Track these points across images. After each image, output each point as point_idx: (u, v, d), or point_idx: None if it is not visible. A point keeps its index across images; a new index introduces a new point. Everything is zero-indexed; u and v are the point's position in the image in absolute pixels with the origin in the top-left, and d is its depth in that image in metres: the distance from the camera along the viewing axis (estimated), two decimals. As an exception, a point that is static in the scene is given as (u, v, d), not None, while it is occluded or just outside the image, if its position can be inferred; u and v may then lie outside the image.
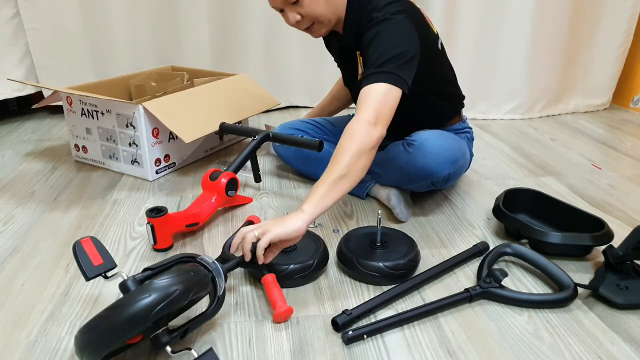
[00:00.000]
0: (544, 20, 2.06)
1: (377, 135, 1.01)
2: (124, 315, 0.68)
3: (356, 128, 1.01)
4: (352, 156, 0.97)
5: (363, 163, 0.99)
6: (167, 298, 0.70)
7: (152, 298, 0.69)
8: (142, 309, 0.69)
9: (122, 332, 0.69)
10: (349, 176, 0.97)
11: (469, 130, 1.39)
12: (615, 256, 0.99)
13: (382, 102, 1.03)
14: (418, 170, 1.17)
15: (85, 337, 0.70)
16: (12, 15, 1.94)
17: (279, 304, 0.89)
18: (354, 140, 0.99)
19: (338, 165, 0.97)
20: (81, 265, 0.81)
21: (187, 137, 1.42)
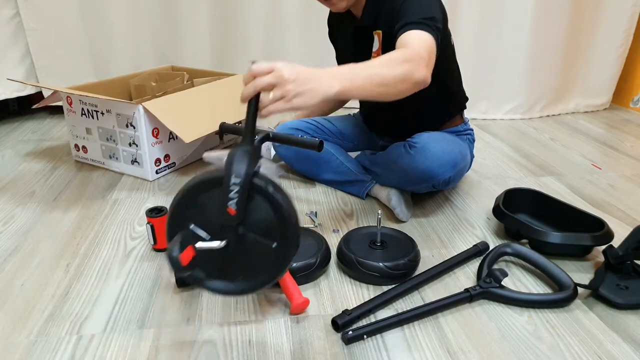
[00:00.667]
0: (544, 20, 2.06)
1: (424, 78, 0.95)
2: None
3: (411, 54, 0.94)
4: (402, 72, 0.91)
5: (403, 83, 0.93)
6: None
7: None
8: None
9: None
10: (388, 83, 0.91)
11: (471, 132, 1.39)
12: (615, 256, 0.99)
13: (431, 51, 0.98)
14: (419, 172, 1.17)
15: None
16: (12, 15, 1.94)
17: (296, 296, 0.89)
18: (409, 59, 0.93)
19: (387, 64, 0.91)
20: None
21: (187, 137, 1.42)
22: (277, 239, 0.78)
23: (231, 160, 0.80)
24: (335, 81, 0.84)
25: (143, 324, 0.89)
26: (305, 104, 0.81)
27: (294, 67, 0.80)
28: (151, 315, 0.91)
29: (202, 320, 0.90)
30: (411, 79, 0.94)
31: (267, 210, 0.79)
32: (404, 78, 0.93)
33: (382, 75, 0.91)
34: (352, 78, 0.87)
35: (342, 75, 0.86)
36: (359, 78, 0.88)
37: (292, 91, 0.79)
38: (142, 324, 0.89)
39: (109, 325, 0.89)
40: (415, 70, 0.94)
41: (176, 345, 0.84)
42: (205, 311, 0.92)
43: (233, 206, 0.78)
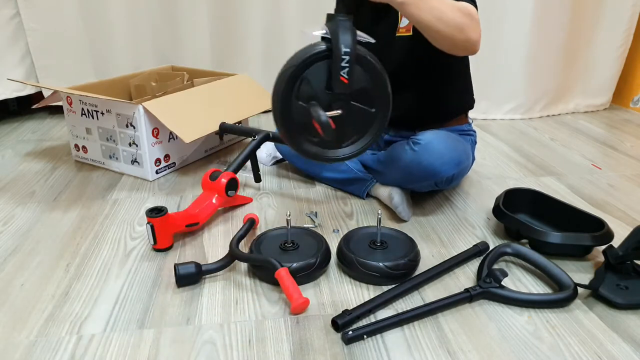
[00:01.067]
0: (544, 20, 2.06)
1: (476, 41, 1.03)
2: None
3: (474, 15, 1.02)
4: (461, 21, 0.99)
5: (455, 31, 1.00)
6: None
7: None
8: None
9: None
10: (444, 22, 0.99)
11: (473, 134, 1.40)
12: (615, 256, 0.99)
13: (479, 23, 1.05)
14: (423, 169, 1.17)
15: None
16: (12, 15, 1.94)
17: (296, 297, 0.89)
18: (470, 15, 1.01)
19: (450, 5, 0.99)
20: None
21: (187, 137, 1.42)
22: (376, 105, 0.89)
23: (336, 32, 0.84)
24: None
25: (143, 324, 0.89)
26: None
27: None
28: (151, 315, 0.91)
29: (202, 320, 0.90)
30: (466, 33, 1.02)
31: (366, 78, 0.88)
32: (461, 28, 1.01)
33: (445, 12, 0.99)
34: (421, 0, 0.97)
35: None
36: (424, 1, 0.97)
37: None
38: (142, 324, 0.89)
39: (109, 325, 0.89)
40: (472, 28, 1.02)
41: (176, 345, 0.84)
42: (205, 311, 0.92)
43: (345, 75, 0.84)
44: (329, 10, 1.97)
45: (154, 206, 1.11)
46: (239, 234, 1.11)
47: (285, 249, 1.05)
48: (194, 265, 0.99)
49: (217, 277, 1.03)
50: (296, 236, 1.10)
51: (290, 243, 1.06)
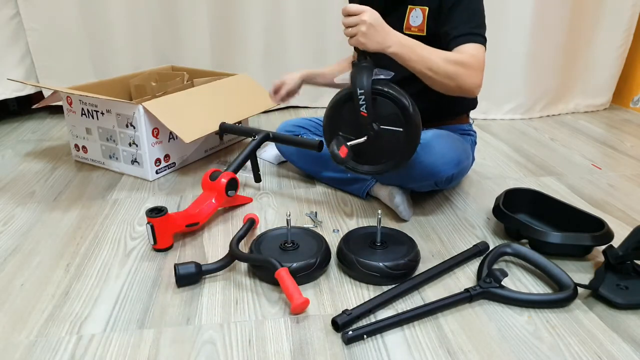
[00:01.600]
0: (544, 20, 2.06)
1: (473, 87, 1.12)
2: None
3: (472, 62, 1.10)
4: (453, 70, 1.08)
5: (449, 80, 1.09)
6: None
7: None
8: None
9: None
10: (436, 72, 1.08)
11: (473, 134, 1.40)
12: (615, 256, 0.99)
13: (482, 61, 1.13)
14: (423, 169, 1.17)
15: None
16: (12, 15, 1.94)
17: (296, 297, 0.89)
18: (465, 65, 1.09)
19: (442, 57, 1.08)
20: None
21: (187, 137, 1.42)
22: (403, 125, 1.05)
23: (354, 77, 1.05)
24: (397, 45, 1.06)
25: (143, 324, 0.89)
26: (365, 47, 1.04)
27: (376, 17, 1.04)
28: (151, 315, 0.91)
29: (202, 320, 0.90)
30: (458, 82, 1.10)
31: (389, 105, 1.05)
32: (452, 78, 1.09)
33: (435, 63, 1.08)
34: (410, 50, 1.07)
35: (403, 43, 1.07)
36: (415, 54, 1.07)
37: (362, 33, 1.03)
38: (142, 324, 0.89)
39: (109, 325, 0.89)
40: (467, 76, 1.10)
41: (176, 345, 0.84)
42: (205, 311, 0.92)
43: (364, 110, 1.05)
44: (329, 10, 1.98)
45: (154, 206, 1.11)
46: (239, 234, 1.11)
47: (285, 249, 1.05)
48: (194, 265, 0.99)
49: (217, 277, 1.03)
50: (296, 236, 1.10)
51: (290, 243, 1.06)
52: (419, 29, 1.21)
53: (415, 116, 1.05)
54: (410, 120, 1.05)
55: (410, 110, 1.04)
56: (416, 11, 1.20)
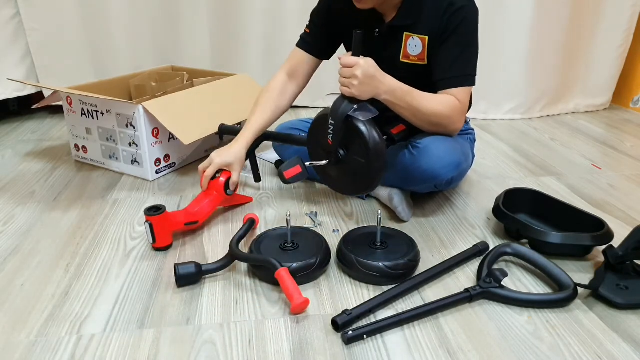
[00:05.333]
0: (544, 20, 2.06)
1: (456, 130, 1.20)
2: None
3: (457, 113, 1.16)
4: (438, 121, 1.16)
5: (434, 127, 1.18)
6: None
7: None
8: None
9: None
10: (424, 122, 1.16)
11: (471, 132, 1.39)
12: (615, 256, 0.99)
13: (467, 104, 1.20)
14: (422, 172, 1.17)
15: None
16: (12, 15, 1.94)
17: (296, 297, 0.89)
18: (449, 117, 1.16)
19: (432, 109, 1.14)
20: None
21: (186, 139, 1.42)
22: (365, 158, 1.10)
23: (333, 106, 1.12)
24: (388, 94, 1.11)
25: (143, 324, 0.89)
26: (358, 96, 1.09)
27: (368, 68, 1.07)
28: (151, 315, 0.91)
29: (202, 320, 0.90)
30: (441, 129, 1.18)
31: (357, 138, 1.10)
32: (436, 125, 1.17)
33: (422, 113, 1.14)
34: (400, 99, 1.12)
35: (395, 92, 1.12)
36: (404, 102, 1.13)
37: (354, 86, 1.08)
38: (142, 324, 0.89)
39: (109, 325, 0.89)
40: (449, 125, 1.18)
41: (176, 345, 0.84)
42: (205, 311, 0.92)
43: (330, 138, 1.13)
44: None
45: (152, 205, 1.11)
46: (239, 234, 1.11)
47: (285, 249, 1.05)
48: (194, 265, 0.99)
49: (217, 277, 1.03)
50: (296, 236, 1.10)
51: (290, 243, 1.06)
52: (419, 58, 1.20)
53: (376, 154, 1.09)
54: (370, 155, 1.09)
55: (370, 147, 1.08)
56: (414, 39, 1.19)
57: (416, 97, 1.13)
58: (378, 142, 1.09)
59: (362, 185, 1.17)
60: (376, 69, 1.09)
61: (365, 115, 1.09)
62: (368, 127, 1.09)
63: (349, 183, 1.20)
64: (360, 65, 1.06)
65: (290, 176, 1.17)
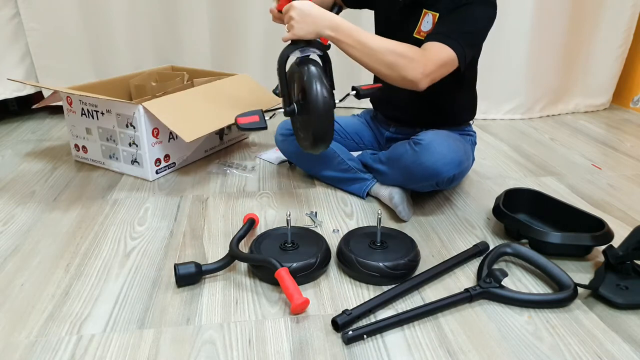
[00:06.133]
0: (544, 20, 2.06)
1: (415, 78, 1.09)
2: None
3: (416, 56, 1.09)
4: (393, 61, 1.08)
5: (388, 69, 1.10)
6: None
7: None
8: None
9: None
10: (375, 60, 1.09)
11: (473, 134, 1.40)
12: (615, 256, 0.99)
13: (443, 66, 1.11)
14: (424, 170, 1.17)
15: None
16: (12, 15, 1.94)
17: (296, 297, 0.89)
18: (407, 57, 1.08)
19: (382, 45, 1.08)
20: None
21: (187, 137, 1.42)
22: (308, 103, 1.06)
23: (280, 58, 1.13)
24: (330, 28, 1.08)
25: (143, 324, 0.89)
26: (300, 36, 1.08)
27: (302, 6, 1.07)
28: (151, 315, 0.91)
29: (202, 320, 0.90)
30: (399, 72, 1.09)
31: (300, 82, 1.08)
32: (392, 67, 1.09)
33: (373, 50, 1.08)
34: (346, 34, 1.08)
35: (338, 27, 1.08)
36: (352, 38, 1.08)
37: (292, 26, 1.08)
38: (142, 324, 0.89)
39: (109, 325, 0.89)
40: (408, 68, 1.09)
41: (176, 345, 0.84)
42: (205, 311, 0.92)
43: (278, 90, 1.17)
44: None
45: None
46: (239, 234, 1.11)
47: (285, 249, 1.05)
48: (194, 265, 0.99)
49: (217, 277, 1.03)
50: (296, 236, 1.10)
51: (290, 243, 1.06)
52: (427, 34, 1.21)
53: (317, 93, 1.04)
54: (310, 94, 1.05)
55: (311, 86, 1.04)
56: (428, 16, 1.20)
57: (365, 33, 1.10)
58: (322, 88, 1.04)
59: (313, 137, 1.10)
60: (313, 6, 1.08)
61: (303, 51, 1.07)
62: (308, 68, 1.05)
63: (306, 138, 1.14)
64: (295, 6, 1.08)
65: (242, 122, 1.12)
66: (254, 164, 1.64)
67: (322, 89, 1.05)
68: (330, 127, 1.10)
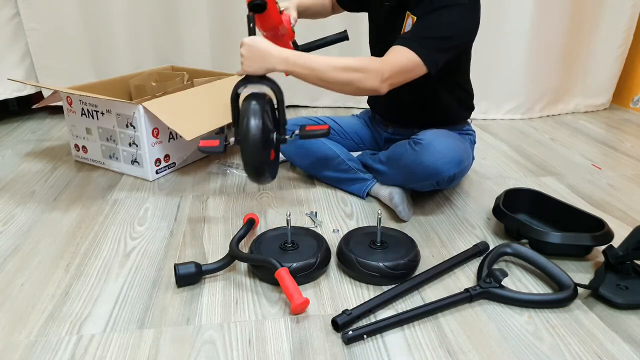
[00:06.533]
0: (544, 20, 2.06)
1: (374, 87, 1.10)
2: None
3: (370, 66, 1.09)
4: (347, 78, 1.09)
5: (346, 86, 1.11)
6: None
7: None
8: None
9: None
10: (331, 82, 1.11)
11: (472, 133, 1.40)
12: (615, 256, 0.99)
13: (405, 71, 1.10)
14: (424, 169, 1.17)
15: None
16: (12, 15, 1.94)
17: (296, 297, 0.90)
18: (361, 70, 1.09)
19: (334, 66, 1.08)
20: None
21: (188, 135, 1.42)
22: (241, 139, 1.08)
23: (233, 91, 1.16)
24: (282, 63, 1.10)
25: (143, 324, 0.89)
26: (250, 72, 1.11)
27: (252, 44, 1.09)
28: (151, 315, 0.91)
29: (202, 320, 0.90)
30: (356, 86, 1.10)
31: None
32: (348, 83, 1.10)
33: (326, 73, 1.09)
34: (297, 65, 1.10)
35: (288, 60, 1.09)
36: (303, 67, 1.10)
37: (243, 62, 1.11)
38: (142, 324, 0.89)
39: (109, 325, 0.89)
40: (364, 80, 1.09)
41: (176, 345, 0.84)
42: (205, 311, 0.92)
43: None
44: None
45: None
46: (239, 234, 1.11)
47: (285, 249, 1.05)
48: (194, 265, 0.99)
49: (217, 277, 1.03)
50: (296, 236, 1.10)
51: (290, 243, 1.06)
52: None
53: (247, 130, 1.05)
54: (241, 132, 1.07)
55: (247, 125, 1.05)
56: (410, 19, 1.20)
57: (316, 59, 1.10)
58: (254, 124, 1.05)
59: (245, 171, 1.12)
60: (263, 43, 1.09)
61: (250, 89, 1.10)
62: (247, 104, 1.07)
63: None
64: (245, 43, 1.10)
65: (202, 145, 1.16)
66: (254, 164, 1.64)
67: (251, 126, 1.05)
68: (259, 162, 1.09)
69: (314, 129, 1.17)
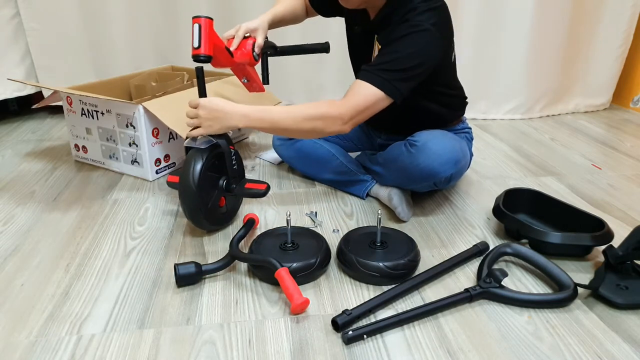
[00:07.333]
0: (544, 20, 2.06)
1: (337, 130, 1.11)
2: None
3: (330, 112, 1.09)
4: (308, 127, 1.09)
5: (309, 134, 1.13)
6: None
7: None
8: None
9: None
10: (293, 132, 1.13)
11: (469, 130, 1.39)
12: (615, 256, 0.99)
13: (367, 107, 1.09)
14: (421, 170, 1.17)
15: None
16: (12, 15, 1.94)
17: (296, 297, 0.90)
18: (321, 117, 1.09)
19: (294, 118, 1.09)
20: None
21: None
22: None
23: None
24: (242, 120, 1.10)
25: (143, 324, 0.89)
26: (213, 132, 1.11)
27: (210, 105, 1.09)
28: (151, 315, 0.91)
29: (202, 320, 0.90)
30: (320, 133, 1.12)
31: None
32: (310, 131, 1.11)
33: (288, 125, 1.10)
34: (258, 121, 1.11)
35: (249, 116, 1.10)
36: (265, 122, 1.11)
37: (204, 121, 1.10)
38: (142, 324, 0.89)
39: (109, 325, 0.89)
40: (326, 126, 1.10)
41: (176, 345, 0.84)
42: (205, 311, 0.92)
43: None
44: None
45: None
46: (239, 234, 1.11)
47: (285, 249, 1.05)
48: (194, 265, 0.99)
49: (217, 277, 1.03)
50: (296, 236, 1.10)
51: (290, 243, 1.06)
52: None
53: (186, 185, 1.09)
54: (181, 186, 1.10)
55: (185, 177, 1.09)
56: (376, 46, 1.20)
57: (276, 111, 1.11)
58: (190, 176, 1.09)
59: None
60: (220, 103, 1.09)
61: (199, 144, 1.11)
62: (192, 158, 1.10)
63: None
64: (201, 105, 1.09)
65: (169, 180, 1.21)
66: (254, 164, 1.64)
67: (187, 176, 1.09)
68: (191, 211, 1.12)
69: (252, 187, 1.18)
